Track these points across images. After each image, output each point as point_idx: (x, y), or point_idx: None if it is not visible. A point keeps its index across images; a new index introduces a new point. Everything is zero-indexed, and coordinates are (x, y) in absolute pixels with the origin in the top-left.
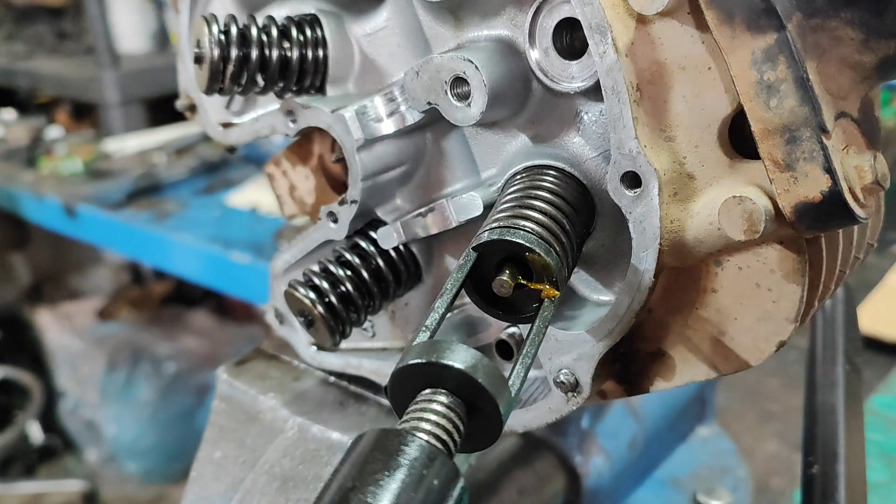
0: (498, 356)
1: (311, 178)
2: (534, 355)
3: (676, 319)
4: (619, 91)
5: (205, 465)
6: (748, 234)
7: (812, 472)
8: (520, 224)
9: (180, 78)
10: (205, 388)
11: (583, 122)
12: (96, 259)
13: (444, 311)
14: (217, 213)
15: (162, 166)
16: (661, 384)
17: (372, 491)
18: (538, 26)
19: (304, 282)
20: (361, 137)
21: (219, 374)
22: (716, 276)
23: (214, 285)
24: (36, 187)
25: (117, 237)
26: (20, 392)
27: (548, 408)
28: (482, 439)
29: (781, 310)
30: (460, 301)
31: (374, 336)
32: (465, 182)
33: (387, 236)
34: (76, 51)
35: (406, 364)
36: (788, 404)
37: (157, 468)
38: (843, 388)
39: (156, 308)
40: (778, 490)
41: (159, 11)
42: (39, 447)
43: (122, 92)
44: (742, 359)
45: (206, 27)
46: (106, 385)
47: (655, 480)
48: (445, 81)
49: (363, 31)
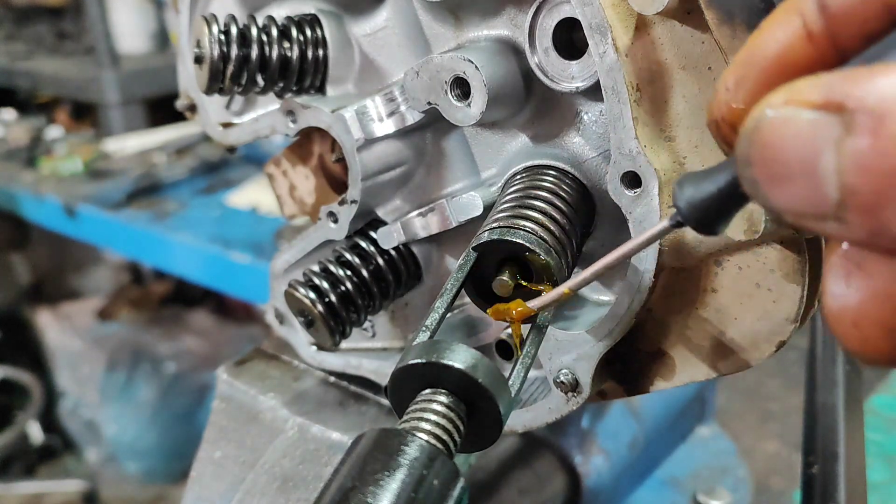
0: (498, 356)
1: (311, 178)
2: (534, 355)
3: (676, 319)
4: (619, 91)
5: (205, 465)
6: (748, 234)
7: (812, 472)
8: (520, 224)
9: (180, 78)
10: (205, 388)
11: (583, 122)
12: (96, 259)
13: (444, 311)
14: (217, 213)
15: (162, 166)
16: (661, 384)
17: (372, 491)
18: (538, 26)
19: (304, 282)
20: (361, 137)
21: (219, 374)
22: (716, 276)
23: (214, 285)
24: (36, 187)
25: (117, 237)
26: (20, 392)
27: (548, 408)
28: (482, 439)
29: (781, 310)
30: (460, 301)
31: (374, 336)
32: (465, 182)
33: (387, 236)
34: (76, 51)
35: (406, 364)
36: (788, 404)
37: (157, 468)
38: (843, 388)
39: (156, 308)
40: (778, 490)
41: (159, 11)
42: (39, 447)
43: (122, 92)
44: (742, 359)
45: (206, 27)
46: (106, 385)
47: (655, 480)
48: (445, 81)
49: (363, 31)
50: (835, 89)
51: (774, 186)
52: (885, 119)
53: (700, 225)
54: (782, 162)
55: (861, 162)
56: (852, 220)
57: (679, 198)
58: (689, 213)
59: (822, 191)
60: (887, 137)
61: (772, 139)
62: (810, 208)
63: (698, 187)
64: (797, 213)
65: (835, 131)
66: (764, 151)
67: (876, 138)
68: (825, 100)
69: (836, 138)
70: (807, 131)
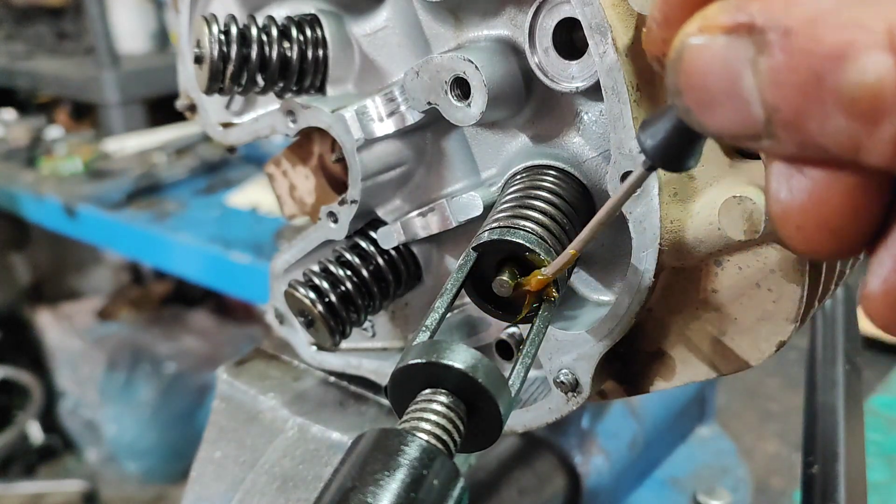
0: (498, 356)
1: (311, 178)
2: (534, 355)
3: (676, 319)
4: (619, 91)
5: (205, 465)
6: (748, 234)
7: (812, 472)
8: (520, 224)
9: (180, 78)
10: (205, 388)
11: (583, 122)
12: (96, 259)
13: (444, 311)
14: (217, 213)
15: (162, 166)
16: (661, 384)
17: (372, 491)
18: (538, 26)
19: (304, 282)
20: (361, 137)
21: (219, 374)
22: (716, 276)
23: (214, 285)
24: (36, 187)
25: (117, 237)
26: (20, 392)
27: (548, 408)
28: (482, 439)
29: (781, 310)
30: (460, 301)
31: (374, 336)
32: (465, 182)
33: (387, 236)
34: (76, 51)
35: (406, 364)
36: (788, 404)
37: (157, 468)
38: (843, 388)
39: (156, 308)
40: (778, 490)
41: (159, 11)
42: (39, 447)
43: (122, 92)
44: (742, 359)
45: (206, 27)
46: (106, 385)
47: (655, 480)
48: (445, 81)
49: (363, 31)
50: (742, 10)
51: (705, 112)
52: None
53: (667, 163)
54: (707, 88)
55: (776, 79)
56: (781, 135)
57: (642, 142)
58: (655, 154)
59: (749, 111)
60: (797, 52)
61: (693, 67)
62: (742, 129)
63: (656, 128)
64: (732, 136)
65: (749, 52)
66: (689, 80)
67: (786, 54)
68: (735, 22)
69: (751, 59)
70: (723, 56)
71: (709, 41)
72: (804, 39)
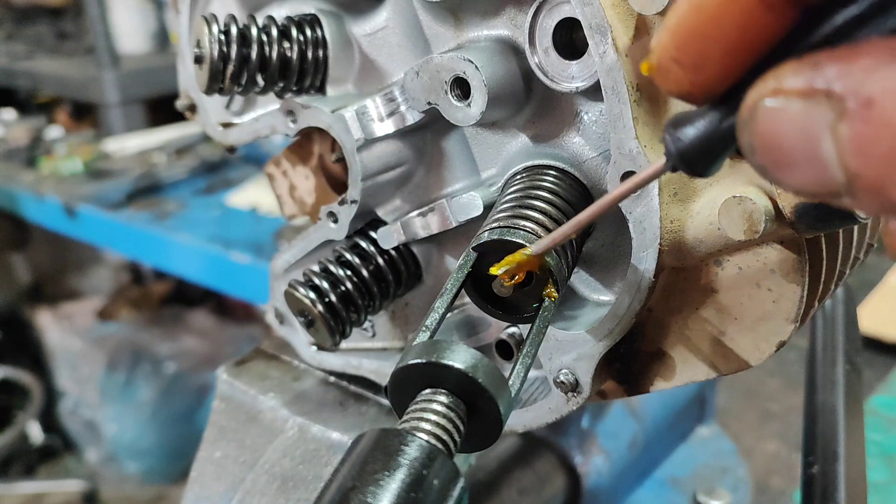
0: (498, 356)
1: (311, 178)
2: (534, 355)
3: (676, 319)
4: (619, 91)
5: (205, 465)
6: (748, 234)
7: (812, 472)
8: (520, 224)
9: (180, 78)
10: (205, 388)
11: (583, 122)
12: (96, 259)
13: (444, 311)
14: (217, 213)
15: (162, 166)
16: (661, 384)
17: (372, 491)
18: (538, 26)
19: (304, 282)
20: (361, 137)
21: (219, 374)
22: (716, 276)
23: (214, 285)
24: (36, 187)
25: (117, 237)
26: (20, 392)
27: (548, 408)
28: (482, 439)
29: (781, 310)
30: (460, 301)
31: (374, 336)
32: (465, 182)
33: (387, 236)
34: (76, 51)
35: (406, 364)
36: (788, 404)
37: (157, 468)
38: (843, 388)
39: (156, 308)
40: (778, 490)
41: (159, 11)
42: (39, 447)
43: (122, 92)
44: (742, 359)
45: (206, 27)
46: (106, 385)
47: (655, 480)
48: (445, 81)
49: (363, 31)
50: (819, 74)
51: (782, 171)
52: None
53: (692, 167)
54: (784, 150)
55: (857, 148)
56: (863, 197)
57: (669, 141)
58: (682, 156)
59: (829, 173)
60: (878, 122)
61: (769, 129)
62: (821, 188)
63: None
64: (810, 193)
65: (828, 117)
66: (764, 141)
67: (868, 125)
68: (811, 87)
69: (830, 124)
70: (800, 121)
71: (784, 104)
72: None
